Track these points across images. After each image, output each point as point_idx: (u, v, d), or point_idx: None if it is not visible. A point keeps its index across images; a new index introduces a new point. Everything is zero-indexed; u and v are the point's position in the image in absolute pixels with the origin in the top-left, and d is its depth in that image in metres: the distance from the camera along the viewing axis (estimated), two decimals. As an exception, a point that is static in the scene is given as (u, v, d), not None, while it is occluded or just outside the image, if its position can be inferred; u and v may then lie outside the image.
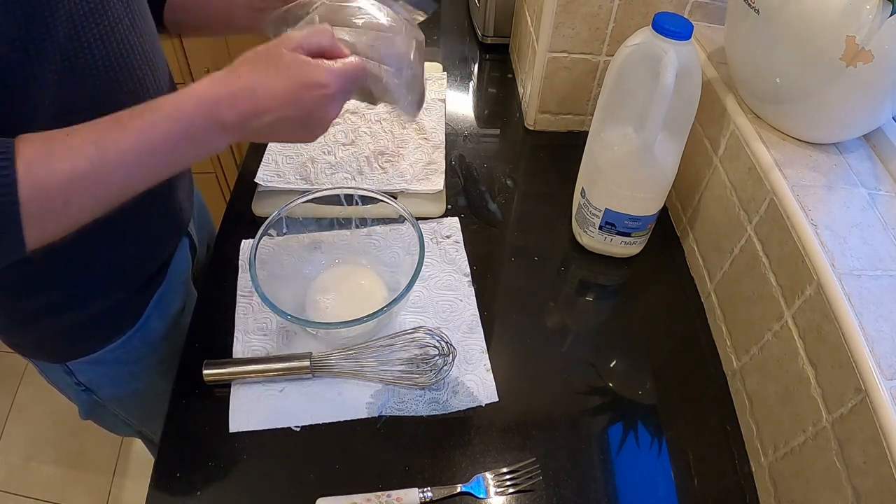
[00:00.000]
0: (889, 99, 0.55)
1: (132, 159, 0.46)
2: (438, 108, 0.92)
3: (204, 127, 0.48)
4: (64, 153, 0.44)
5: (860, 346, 0.45)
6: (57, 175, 0.43)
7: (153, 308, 0.71)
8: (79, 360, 0.69)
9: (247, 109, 0.49)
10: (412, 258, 0.63)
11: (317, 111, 0.52)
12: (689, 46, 0.60)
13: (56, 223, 0.45)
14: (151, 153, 0.47)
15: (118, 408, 0.79)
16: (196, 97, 0.48)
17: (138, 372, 0.74)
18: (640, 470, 0.59)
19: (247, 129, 0.50)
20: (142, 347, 0.72)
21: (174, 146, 0.48)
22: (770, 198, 0.58)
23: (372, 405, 0.60)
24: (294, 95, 0.50)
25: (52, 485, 1.44)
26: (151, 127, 0.46)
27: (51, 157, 0.43)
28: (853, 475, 0.45)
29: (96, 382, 0.73)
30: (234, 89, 0.49)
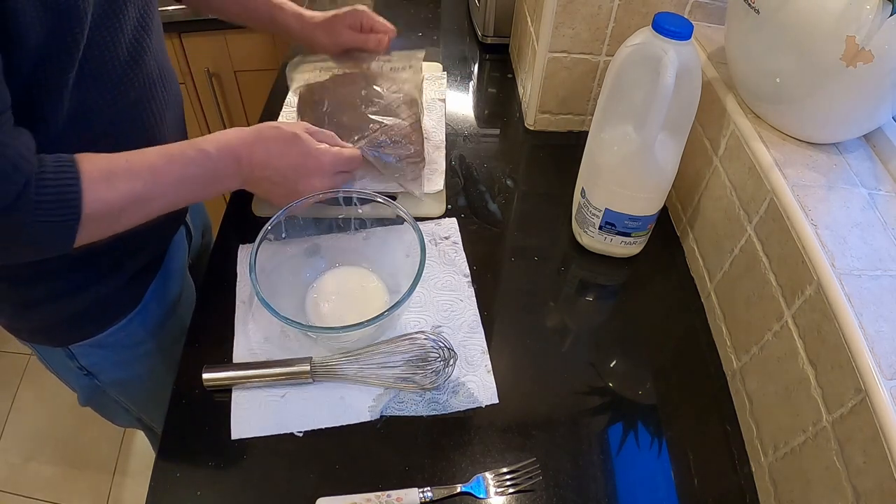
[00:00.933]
0: (889, 99, 0.55)
1: (175, 188, 0.57)
2: (438, 108, 0.92)
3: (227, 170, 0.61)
4: (125, 177, 0.52)
5: (860, 346, 0.45)
6: (117, 195, 0.52)
7: (152, 293, 0.73)
8: (80, 344, 0.70)
9: (258, 160, 0.62)
10: (412, 260, 0.63)
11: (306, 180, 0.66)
12: (689, 46, 0.60)
13: (103, 233, 0.53)
14: (189, 184, 0.58)
15: (118, 393, 0.80)
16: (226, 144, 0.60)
17: (139, 355, 0.76)
18: (640, 470, 0.59)
19: (253, 176, 0.63)
20: (142, 331, 0.74)
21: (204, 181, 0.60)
22: (770, 198, 0.58)
23: (374, 409, 0.60)
24: (296, 163, 0.65)
25: (51, 484, 1.45)
26: (192, 163, 0.58)
27: (113, 180, 0.51)
28: (853, 475, 0.45)
29: (98, 366, 0.74)
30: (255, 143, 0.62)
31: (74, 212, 0.49)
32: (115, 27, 0.54)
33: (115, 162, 0.52)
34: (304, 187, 0.66)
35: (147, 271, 0.72)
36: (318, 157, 0.66)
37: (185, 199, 0.60)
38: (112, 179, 0.51)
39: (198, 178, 0.59)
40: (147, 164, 0.54)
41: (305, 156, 0.65)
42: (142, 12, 0.58)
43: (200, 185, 0.60)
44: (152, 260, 0.73)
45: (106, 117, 0.56)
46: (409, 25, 1.17)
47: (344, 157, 0.69)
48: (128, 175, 0.53)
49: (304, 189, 0.66)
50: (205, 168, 0.59)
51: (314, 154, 0.66)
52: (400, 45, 0.90)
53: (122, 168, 0.53)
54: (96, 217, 0.50)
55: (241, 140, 0.61)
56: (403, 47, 0.90)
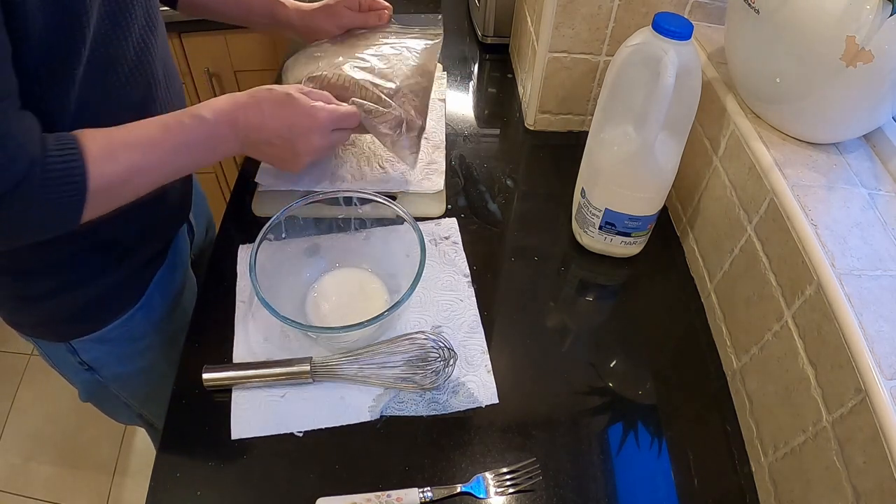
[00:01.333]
0: (889, 99, 0.55)
1: (174, 156, 0.57)
2: (438, 108, 0.92)
3: (223, 134, 0.60)
4: (125, 149, 0.53)
5: (860, 346, 0.45)
6: (120, 168, 0.52)
7: (154, 287, 0.73)
8: (82, 339, 0.70)
9: (254, 122, 0.62)
10: (412, 260, 0.63)
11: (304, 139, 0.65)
12: (689, 46, 0.60)
13: (108, 206, 0.54)
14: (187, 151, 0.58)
15: (119, 388, 0.80)
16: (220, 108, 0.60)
17: (141, 350, 0.76)
18: (640, 470, 0.59)
19: (249, 139, 0.63)
20: (144, 325, 0.74)
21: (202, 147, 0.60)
22: (770, 198, 0.58)
23: (374, 409, 0.60)
24: (292, 122, 0.64)
25: (51, 484, 1.45)
26: (189, 130, 0.58)
27: (115, 153, 0.52)
28: (853, 475, 0.45)
29: (99, 361, 0.74)
30: (249, 105, 0.62)
31: (80, 189, 0.49)
32: (123, 25, 0.54)
33: (115, 135, 0.53)
34: (302, 146, 0.65)
35: (150, 265, 0.73)
36: (313, 114, 0.65)
37: (186, 166, 0.61)
38: (113, 153, 0.52)
39: (196, 144, 0.59)
40: (145, 134, 0.55)
41: (300, 114, 0.64)
42: (147, 12, 0.58)
43: (199, 152, 0.60)
44: (155, 254, 0.73)
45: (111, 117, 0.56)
46: (409, 25, 1.17)
47: (339, 113, 0.68)
48: (127, 147, 0.53)
49: (303, 148, 0.65)
50: (202, 134, 0.59)
51: (309, 112, 0.65)
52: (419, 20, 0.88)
53: (122, 141, 0.53)
54: (101, 191, 0.51)
55: (235, 103, 0.61)
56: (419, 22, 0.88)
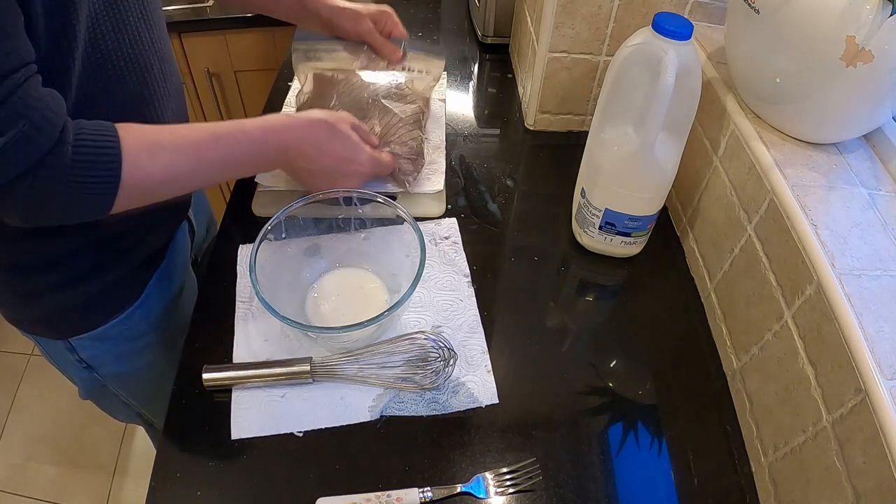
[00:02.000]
0: (889, 99, 0.55)
1: (218, 167, 0.58)
2: (438, 108, 0.92)
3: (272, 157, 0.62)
4: (170, 150, 0.53)
5: (860, 346, 0.45)
6: (159, 167, 0.52)
7: (154, 286, 0.73)
8: (81, 337, 0.70)
9: (306, 153, 0.64)
10: (412, 260, 0.63)
11: (345, 179, 0.68)
12: (689, 46, 0.60)
13: (143, 202, 0.54)
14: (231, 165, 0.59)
15: (119, 386, 0.81)
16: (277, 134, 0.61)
17: (140, 349, 0.76)
18: (640, 470, 0.59)
19: (294, 165, 0.65)
20: (143, 324, 0.74)
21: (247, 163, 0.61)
22: (770, 198, 0.58)
23: (374, 408, 0.60)
24: (340, 161, 0.67)
25: (51, 484, 1.45)
26: (238, 145, 0.59)
27: (157, 152, 0.52)
28: (853, 475, 0.45)
29: (98, 359, 0.75)
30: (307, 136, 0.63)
31: (113, 176, 0.49)
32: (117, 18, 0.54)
33: (160, 134, 0.53)
34: (340, 185, 0.67)
35: (149, 264, 0.73)
36: (362, 161, 0.68)
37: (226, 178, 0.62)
38: (155, 151, 0.52)
39: (241, 160, 0.60)
40: (192, 140, 0.55)
41: (351, 161, 0.67)
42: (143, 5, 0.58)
43: (243, 167, 0.61)
44: (155, 252, 0.73)
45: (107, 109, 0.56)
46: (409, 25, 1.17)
47: (381, 163, 0.72)
48: (171, 149, 0.53)
49: (339, 184, 0.68)
50: (250, 152, 0.60)
51: (359, 159, 0.68)
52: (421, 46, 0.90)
53: (167, 141, 0.53)
54: (136, 185, 0.51)
55: (291, 129, 0.62)
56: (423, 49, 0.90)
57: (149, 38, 0.60)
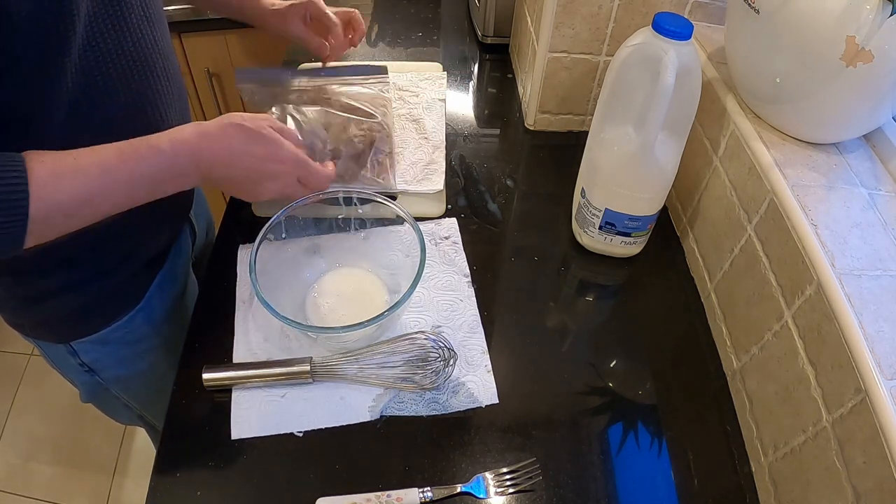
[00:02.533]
0: (889, 99, 0.55)
1: (128, 185, 0.54)
2: (438, 108, 0.92)
3: (184, 168, 0.57)
4: (73, 175, 0.50)
5: (860, 346, 0.45)
6: (65, 195, 0.49)
7: (155, 288, 0.73)
8: (82, 340, 0.70)
9: (220, 157, 0.59)
10: (412, 260, 0.63)
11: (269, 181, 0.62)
12: (689, 46, 0.60)
13: (56, 233, 0.51)
14: (142, 181, 0.55)
15: (120, 390, 0.80)
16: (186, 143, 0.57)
17: (141, 352, 0.76)
18: (640, 470, 0.59)
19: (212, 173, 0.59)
20: (145, 327, 0.73)
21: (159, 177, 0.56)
22: (770, 198, 0.58)
23: (374, 408, 0.60)
24: (260, 161, 0.61)
25: (51, 485, 1.44)
26: (144, 160, 0.54)
27: (61, 179, 0.49)
28: (853, 475, 0.45)
29: (99, 363, 0.74)
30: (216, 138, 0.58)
31: (21, 214, 0.46)
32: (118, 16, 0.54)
33: (63, 160, 0.50)
34: (262, 190, 0.63)
35: (151, 267, 0.72)
36: (283, 159, 0.62)
37: (139, 197, 0.56)
38: (60, 178, 0.49)
39: (151, 176, 0.55)
40: (97, 161, 0.52)
41: (270, 159, 0.62)
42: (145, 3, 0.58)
43: (155, 183, 0.56)
44: (156, 256, 0.73)
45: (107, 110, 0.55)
46: (409, 25, 1.17)
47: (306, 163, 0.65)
48: (75, 173, 0.50)
49: (263, 193, 0.63)
50: (158, 166, 0.55)
51: (279, 157, 0.62)
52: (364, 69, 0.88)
53: (70, 166, 0.50)
54: (44, 218, 0.48)
55: (200, 134, 0.58)
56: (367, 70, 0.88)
57: (151, 37, 0.59)
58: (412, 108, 0.91)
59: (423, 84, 0.96)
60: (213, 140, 0.58)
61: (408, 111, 0.91)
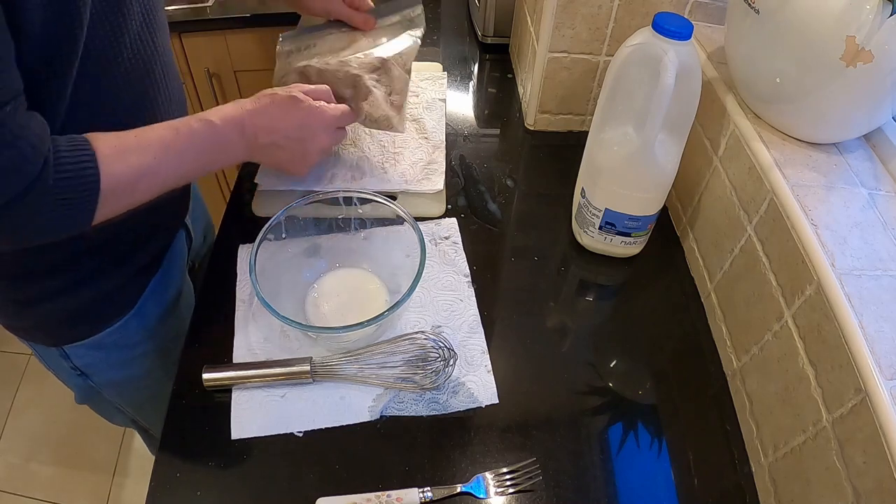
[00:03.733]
0: (889, 99, 0.55)
1: (183, 159, 0.58)
2: (438, 108, 0.92)
3: (232, 138, 0.62)
4: (136, 151, 0.54)
5: (860, 346, 0.45)
6: (132, 168, 0.53)
7: (149, 294, 0.73)
8: (76, 345, 0.70)
9: (262, 125, 0.63)
10: (412, 260, 0.63)
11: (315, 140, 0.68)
12: (689, 46, 0.60)
13: (119, 208, 0.55)
14: (196, 154, 0.59)
15: (113, 394, 0.80)
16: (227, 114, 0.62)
17: (135, 357, 0.76)
18: (640, 470, 0.59)
19: (258, 142, 0.64)
20: (138, 332, 0.73)
21: (210, 150, 0.61)
22: (770, 198, 0.58)
23: (374, 408, 0.60)
24: (302, 124, 0.66)
25: (51, 485, 1.44)
26: (196, 133, 0.59)
27: (125, 154, 0.53)
28: (853, 475, 0.45)
29: (92, 367, 0.74)
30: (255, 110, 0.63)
31: (93, 188, 0.50)
32: (119, 22, 0.54)
33: (125, 138, 0.54)
34: (311, 145, 0.67)
35: (145, 272, 0.72)
36: (320, 113, 0.67)
37: (195, 170, 0.61)
38: (124, 154, 0.53)
39: (204, 148, 0.60)
40: (156, 137, 0.56)
41: (308, 114, 0.66)
42: (147, 9, 0.58)
43: (208, 156, 0.61)
44: (150, 261, 0.73)
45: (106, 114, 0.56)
46: (409, 25, 1.17)
47: (342, 111, 0.70)
48: (138, 149, 0.54)
49: (312, 147, 0.68)
50: (210, 139, 0.60)
51: (316, 111, 0.67)
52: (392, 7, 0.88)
53: (133, 143, 0.54)
54: (112, 192, 0.52)
55: (242, 109, 0.63)
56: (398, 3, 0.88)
57: (151, 42, 0.59)
58: (412, 108, 0.91)
59: (424, 84, 0.96)
60: (253, 112, 0.63)
61: (408, 111, 0.91)
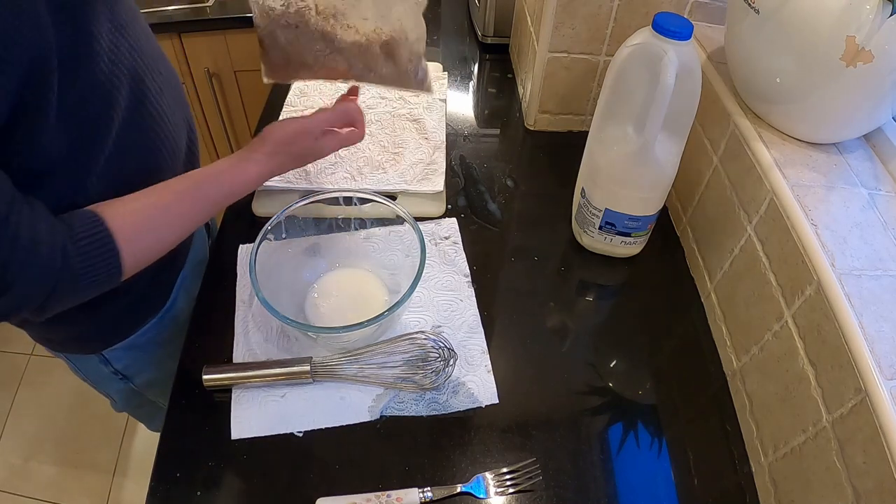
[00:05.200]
0: (889, 99, 0.55)
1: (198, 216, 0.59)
2: (439, 108, 0.92)
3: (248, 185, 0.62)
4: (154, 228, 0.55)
5: (860, 346, 0.45)
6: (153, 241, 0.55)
7: (178, 289, 0.73)
8: (114, 348, 0.70)
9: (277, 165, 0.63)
10: (412, 260, 0.63)
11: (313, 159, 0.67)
12: (689, 46, 0.60)
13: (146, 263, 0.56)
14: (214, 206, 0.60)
15: (156, 393, 0.81)
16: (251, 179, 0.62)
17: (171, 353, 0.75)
18: (640, 470, 0.59)
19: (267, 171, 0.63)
20: (172, 327, 0.74)
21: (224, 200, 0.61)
22: (770, 198, 0.58)
23: (374, 409, 0.60)
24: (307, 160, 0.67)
25: (51, 485, 1.44)
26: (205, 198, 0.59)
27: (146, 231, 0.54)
28: (853, 475, 0.45)
29: (132, 368, 0.75)
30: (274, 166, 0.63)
31: (115, 267, 0.51)
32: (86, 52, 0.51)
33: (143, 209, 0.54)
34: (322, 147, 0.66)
35: (174, 268, 0.73)
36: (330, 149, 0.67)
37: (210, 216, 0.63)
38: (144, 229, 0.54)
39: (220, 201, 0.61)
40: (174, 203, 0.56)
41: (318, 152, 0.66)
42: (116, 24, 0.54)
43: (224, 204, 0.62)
44: (177, 255, 0.73)
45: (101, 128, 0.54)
46: (409, 25, 1.17)
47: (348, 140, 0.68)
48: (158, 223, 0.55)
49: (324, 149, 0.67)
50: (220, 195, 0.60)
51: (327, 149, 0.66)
52: None
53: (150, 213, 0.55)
54: (135, 261, 0.53)
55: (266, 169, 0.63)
56: None
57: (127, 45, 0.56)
58: (413, 108, 0.91)
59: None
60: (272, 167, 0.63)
61: (408, 111, 0.91)
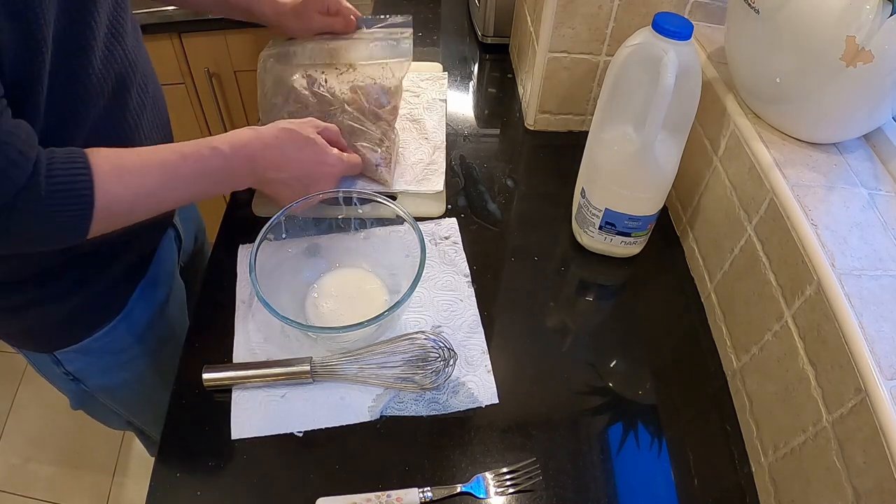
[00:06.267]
0: (889, 99, 0.55)
1: (188, 184, 0.58)
2: (439, 108, 0.92)
3: (241, 170, 0.62)
4: (135, 172, 0.53)
5: (860, 346, 0.45)
6: (129, 190, 0.53)
7: (137, 298, 0.72)
8: (66, 350, 0.70)
9: (273, 162, 0.64)
10: (412, 260, 0.63)
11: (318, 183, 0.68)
12: (689, 46, 0.60)
13: (118, 224, 0.54)
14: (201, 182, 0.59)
15: (107, 398, 0.80)
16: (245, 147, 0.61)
17: (125, 362, 0.75)
18: (640, 470, 0.59)
19: (266, 177, 0.65)
20: (127, 336, 0.73)
21: (217, 179, 0.61)
22: (770, 198, 0.58)
23: (374, 408, 0.60)
24: (310, 165, 0.67)
25: (51, 485, 1.44)
26: (205, 160, 0.58)
27: (123, 174, 0.52)
28: (853, 475, 0.45)
29: (83, 372, 0.74)
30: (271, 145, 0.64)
31: (87, 203, 0.49)
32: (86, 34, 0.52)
33: (126, 157, 0.53)
34: (314, 188, 0.68)
35: (132, 276, 0.72)
36: (331, 163, 0.69)
37: (197, 195, 0.61)
38: (123, 174, 0.52)
39: (210, 175, 0.59)
40: (159, 160, 0.55)
41: (319, 163, 0.68)
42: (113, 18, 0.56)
43: (213, 183, 0.60)
44: (138, 264, 0.72)
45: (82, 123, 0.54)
46: (409, 25, 1.17)
47: (350, 165, 0.72)
48: (139, 171, 0.53)
49: (314, 189, 0.68)
50: (218, 167, 0.59)
51: (328, 162, 0.69)
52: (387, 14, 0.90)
53: (134, 164, 0.53)
54: (108, 210, 0.51)
55: (258, 140, 0.62)
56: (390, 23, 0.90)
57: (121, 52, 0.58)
58: (413, 108, 0.91)
59: (424, 84, 0.96)
60: (268, 146, 0.63)
61: (408, 111, 0.91)
